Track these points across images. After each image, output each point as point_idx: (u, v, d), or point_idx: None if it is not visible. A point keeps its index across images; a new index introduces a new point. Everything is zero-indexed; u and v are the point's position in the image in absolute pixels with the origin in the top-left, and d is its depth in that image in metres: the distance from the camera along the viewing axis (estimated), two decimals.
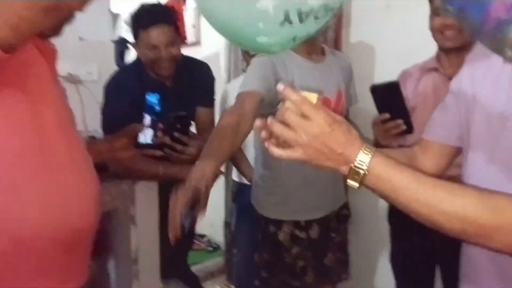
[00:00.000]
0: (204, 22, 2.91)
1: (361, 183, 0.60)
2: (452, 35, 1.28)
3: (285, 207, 1.48)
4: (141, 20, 1.47)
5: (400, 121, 1.17)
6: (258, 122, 0.64)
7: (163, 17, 1.47)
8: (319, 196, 1.48)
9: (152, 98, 1.22)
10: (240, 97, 1.28)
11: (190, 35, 2.90)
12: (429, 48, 1.45)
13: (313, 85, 1.40)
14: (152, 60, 1.48)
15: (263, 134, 0.64)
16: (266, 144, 0.64)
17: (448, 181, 0.61)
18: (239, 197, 2.07)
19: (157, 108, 1.22)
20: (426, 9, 1.41)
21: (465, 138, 0.82)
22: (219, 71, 2.66)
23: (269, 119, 0.63)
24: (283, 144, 0.63)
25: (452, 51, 1.33)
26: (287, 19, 0.62)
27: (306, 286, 1.52)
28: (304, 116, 0.61)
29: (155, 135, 1.22)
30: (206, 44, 2.89)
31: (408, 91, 1.43)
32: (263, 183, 1.52)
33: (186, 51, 2.39)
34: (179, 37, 1.55)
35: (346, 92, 1.53)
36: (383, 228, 1.67)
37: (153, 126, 1.21)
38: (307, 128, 0.60)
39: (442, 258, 1.44)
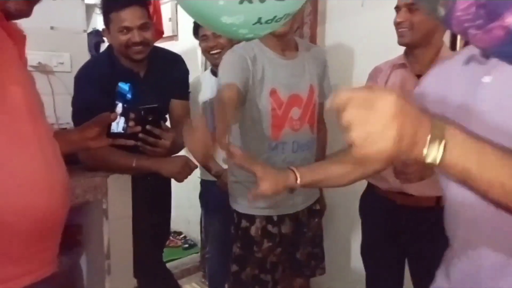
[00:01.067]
0: (181, 16, 2.90)
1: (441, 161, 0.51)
2: (403, 32, 1.35)
3: (258, 202, 1.47)
4: (114, 2, 1.45)
5: None
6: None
7: None
8: (298, 192, 1.49)
9: (124, 86, 1.20)
10: (220, 89, 1.34)
11: (167, 29, 2.86)
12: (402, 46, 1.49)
13: (284, 81, 1.42)
14: (125, 44, 1.45)
15: None
16: None
17: None
18: (205, 193, 2.07)
19: (128, 96, 1.20)
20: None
21: None
22: (196, 65, 2.64)
23: None
24: None
25: (413, 47, 1.38)
26: None
27: (275, 281, 1.54)
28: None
29: (126, 124, 1.20)
30: (183, 37, 2.86)
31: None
32: (237, 179, 1.52)
33: (163, 44, 2.37)
34: (151, 21, 1.53)
35: (320, 87, 1.55)
36: (358, 223, 1.70)
37: (124, 114, 1.19)
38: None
39: (410, 250, 1.48)
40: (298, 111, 1.44)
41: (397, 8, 1.37)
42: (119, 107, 1.18)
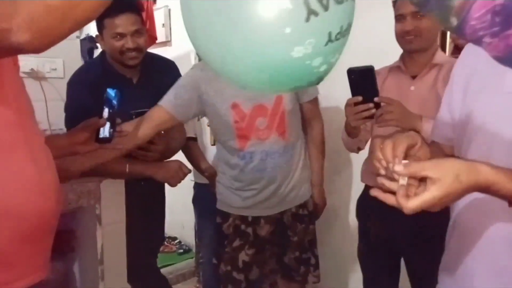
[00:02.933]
0: (174, 21, 2.91)
1: None
2: (411, 39, 1.39)
3: (233, 201, 1.53)
4: (107, 8, 1.45)
5: (371, 105, 1.23)
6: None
7: (129, 5, 1.46)
8: (269, 195, 1.51)
9: (111, 92, 1.21)
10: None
11: (160, 35, 2.87)
12: (391, 49, 1.51)
13: (247, 93, 1.39)
14: (119, 50, 1.46)
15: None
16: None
17: None
18: (198, 197, 2.08)
19: (114, 102, 1.21)
20: (389, 11, 1.47)
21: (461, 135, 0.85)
22: None
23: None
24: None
25: (414, 52, 1.43)
26: (310, 11, 0.55)
27: (249, 282, 1.56)
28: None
29: (113, 129, 1.21)
30: (176, 43, 2.88)
31: None
32: (220, 178, 1.59)
33: (156, 50, 2.38)
34: (144, 28, 1.54)
35: (298, 91, 1.50)
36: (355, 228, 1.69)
37: (110, 120, 1.20)
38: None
39: (406, 252, 1.49)
40: (264, 120, 1.45)
41: (401, 17, 1.39)
42: (106, 113, 1.20)
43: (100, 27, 1.50)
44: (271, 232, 1.55)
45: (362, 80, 1.23)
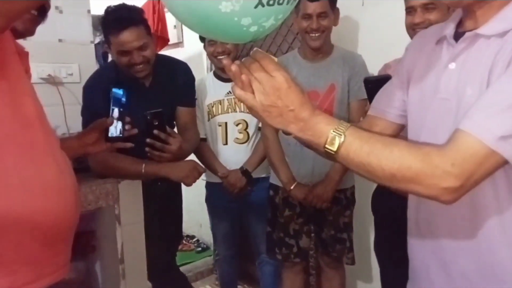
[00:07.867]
0: None
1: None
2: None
3: None
4: (109, 26, 1.45)
5: None
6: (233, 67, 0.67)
7: (131, 20, 1.43)
8: (307, 173, 1.72)
9: (118, 91, 1.23)
10: None
11: (172, 36, 2.90)
12: (403, 44, 1.50)
13: (305, 80, 1.69)
14: (126, 65, 1.48)
15: (233, 68, 0.67)
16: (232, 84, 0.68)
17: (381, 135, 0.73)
18: (211, 196, 2.10)
19: (123, 100, 1.23)
20: (399, 6, 1.46)
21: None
22: (202, 70, 2.68)
23: (235, 65, 0.67)
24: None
25: None
26: None
27: (300, 248, 1.81)
28: (266, 71, 0.65)
29: (123, 128, 1.23)
30: (188, 44, 2.90)
31: None
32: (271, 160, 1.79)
33: (168, 51, 2.41)
34: (151, 37, 1.53)
35: (348, 86, 1.69)
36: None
37: (120, 118, 1.22)
38: (268, 80, 0.64)
39: None
40: (315, 104, 1.65)
41: (411, 9, 1.39)
42: (116, 112, 1.22)
43: (106, 42, 1.51)
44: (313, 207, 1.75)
45: (379, 89, 1.24)
